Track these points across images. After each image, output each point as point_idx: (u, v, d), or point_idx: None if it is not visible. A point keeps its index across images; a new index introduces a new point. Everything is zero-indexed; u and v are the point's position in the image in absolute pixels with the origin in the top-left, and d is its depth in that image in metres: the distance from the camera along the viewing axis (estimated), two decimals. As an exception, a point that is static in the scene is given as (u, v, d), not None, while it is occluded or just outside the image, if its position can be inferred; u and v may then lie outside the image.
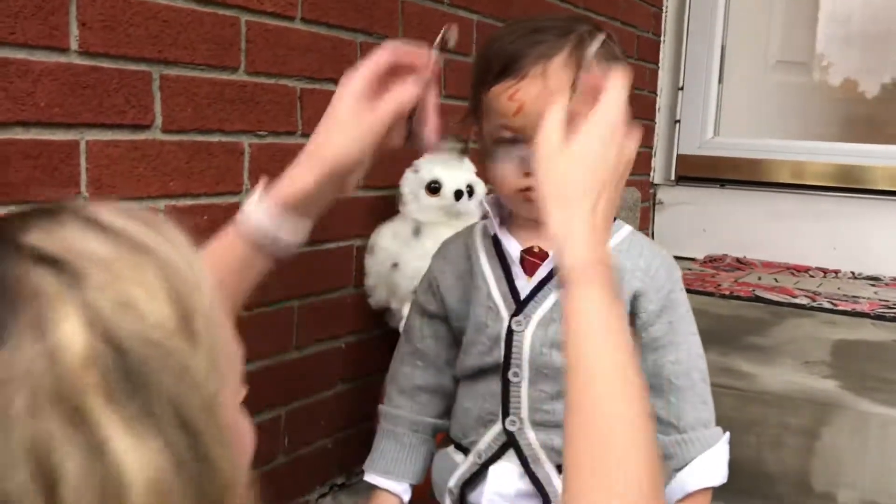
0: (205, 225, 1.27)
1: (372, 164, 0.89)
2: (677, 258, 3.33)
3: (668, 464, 0.97)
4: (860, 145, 2.88)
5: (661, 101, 2.97)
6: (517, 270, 0.98)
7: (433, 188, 1.55)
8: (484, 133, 0.94)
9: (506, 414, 0.98)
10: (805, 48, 3.45)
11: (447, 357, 1.06)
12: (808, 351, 1.78)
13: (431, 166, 1.57)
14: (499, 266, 0.99)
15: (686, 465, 0.95)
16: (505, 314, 0.97)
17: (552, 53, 0.87)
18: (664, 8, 2.93)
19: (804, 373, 1.63)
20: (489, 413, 0.99)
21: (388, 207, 1.60)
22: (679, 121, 2.96)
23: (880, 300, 2.25)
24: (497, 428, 0.98)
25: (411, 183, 1.57)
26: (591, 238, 0.73)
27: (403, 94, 0.84)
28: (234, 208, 1.32)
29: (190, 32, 1.23)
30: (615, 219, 0.94)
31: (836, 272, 2.68)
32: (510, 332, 0.97)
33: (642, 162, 2.93)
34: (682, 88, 2.94)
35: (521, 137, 0.88)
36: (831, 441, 1.46)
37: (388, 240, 1.57)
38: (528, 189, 0.89)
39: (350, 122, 0.84)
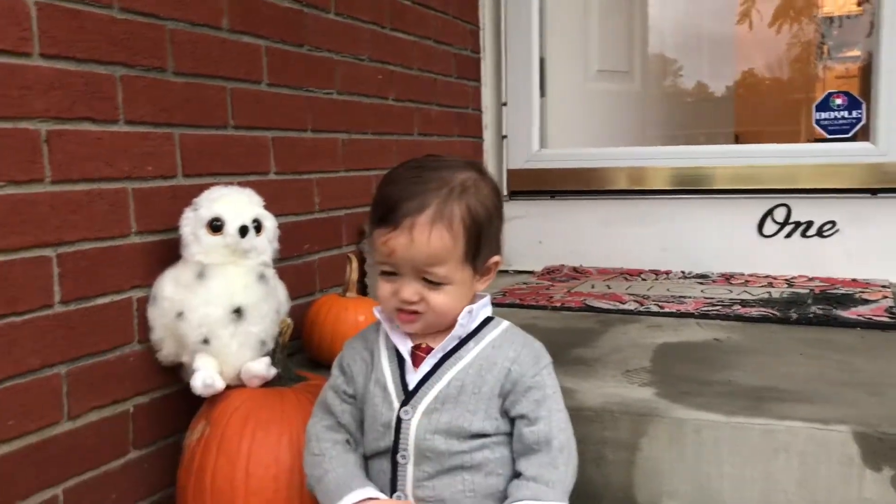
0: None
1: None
2: (517, 272, 3.24)
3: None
4: (688, 147, 2.95)
5: (487, 118, 2.96)
6: (408, 365, 1.17)
7: (215, 226, 1.43)
8: (374, 256, 1.15)
9: (393, 490, 1.16)
10: (625, 57, 3.53)
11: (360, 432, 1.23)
12: (629, 359, 1.76)
13: (211, 203, 1.45)
14: (395, 360, 1.19)
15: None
16: (396, 404, 1.16)
17: (421, 210, 1.08)
18: (481, 25, 2.92)
19: (624, 383, 1.60)
20: (380, 489, 1.16)
21: (169, 252, 1.47)
22: (506, 136, 2.95)
23: (706, 298, 2.28)
24: None
25: (191, 222, 1.44)
26: None
27: None
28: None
29: None
30: (493, 317, 1.21)
31: (668, 273, 2.71)
32: (399, 420, 1.15)
33: (474, 180, 2.89)
34: (505, 104, 2.94)
35: (395, 271, 1.12)
36: (651, 451, 1.43)
37: (170, 287, 1.43)
38: (400, 309, 1.14)
39: None
